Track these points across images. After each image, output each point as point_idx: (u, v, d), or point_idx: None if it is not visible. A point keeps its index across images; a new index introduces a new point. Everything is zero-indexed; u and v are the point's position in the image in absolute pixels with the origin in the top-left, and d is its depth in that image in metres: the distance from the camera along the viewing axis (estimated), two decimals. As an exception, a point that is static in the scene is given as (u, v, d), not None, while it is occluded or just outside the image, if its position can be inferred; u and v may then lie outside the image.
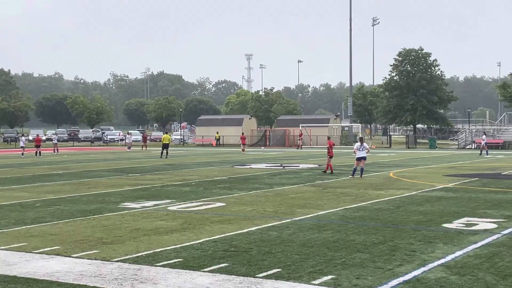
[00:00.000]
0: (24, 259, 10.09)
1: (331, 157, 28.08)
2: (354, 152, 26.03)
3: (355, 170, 25.61)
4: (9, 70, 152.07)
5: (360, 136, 30.56)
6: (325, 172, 27.78)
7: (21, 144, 49.25)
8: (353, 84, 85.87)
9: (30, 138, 52.19)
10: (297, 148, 61.91)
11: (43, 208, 16.42)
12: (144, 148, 61.23)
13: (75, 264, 9.71)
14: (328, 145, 28.31)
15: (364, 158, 25.72)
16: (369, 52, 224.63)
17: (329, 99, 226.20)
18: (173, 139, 76.30)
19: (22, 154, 47.02)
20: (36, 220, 14.29)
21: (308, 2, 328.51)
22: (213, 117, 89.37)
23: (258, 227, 13.13)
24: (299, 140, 64.28)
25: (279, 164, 34.85)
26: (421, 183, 23.07)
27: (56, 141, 58.49)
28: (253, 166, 33.73)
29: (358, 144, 25.98)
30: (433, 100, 73.69)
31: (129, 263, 9.77)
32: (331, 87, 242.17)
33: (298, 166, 33.58)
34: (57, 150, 55.49)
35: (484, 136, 49.00)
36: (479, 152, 47.38)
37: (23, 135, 52.11)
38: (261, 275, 8.96)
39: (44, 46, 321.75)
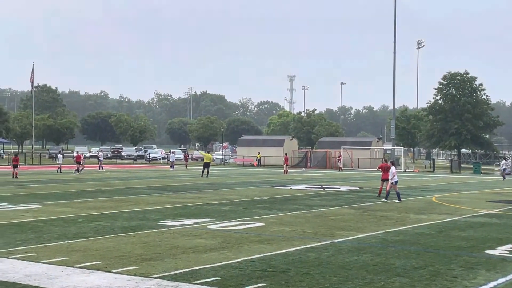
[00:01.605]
0: (65, 273, 10.24)
1: (384, 180, 26.47)
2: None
3: (388, 193, 25.26)
4: (56, 88, 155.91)
5: (390, 160, 29.85)
6: (379, 195, 26.99)
7: (59, 161, 50.13)
8: (396, 107, 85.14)
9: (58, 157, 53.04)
10: (338, 170, 61.58)
11: (85, 223, 16.66)
12: (186, 168, 61.70)
13: (115, 280, 9.81)
14: (380, 168, 27.09)
15: (395, 182, 25.39)
16: (413, 75, 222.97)
17: (371, 121, 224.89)
18: (215, 158, 76.71)
19: (58, 170, 47.69)
20: (78, 235, 14.51)
21: (352, 24, 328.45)
22: (255, 137, 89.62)
23: (296, 248, 13.07)
24: (339, 161, 64.01)
25: (320, 186, 34.69)
26: (464, 208, 22.66)
27: (102, 158, 59.62)
28: (293, 187, 33.65)
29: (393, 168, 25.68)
30: (478, 124, 72.57)
31: (168, 280, 9.83)
32: (374, 109, 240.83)
33: (339, 188, 33.37)
34: (102, 167, 56.42)
35: (503, 161, 48.69)
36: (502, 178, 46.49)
37: (60, 152, 53.08)
38: (298, 296, 8.90)
39: (90, 65, 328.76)
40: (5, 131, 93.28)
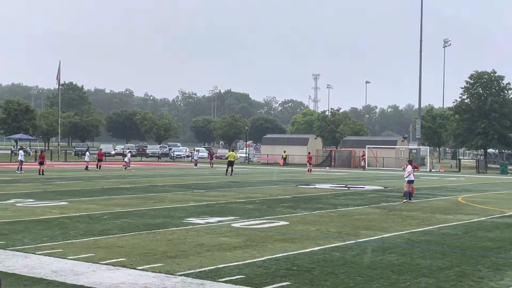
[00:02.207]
0: (91, 270, 10.33)
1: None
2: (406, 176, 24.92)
3: (408, 193, 24.70)
4: (82, 85, 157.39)
5: (409, 158, 29.37)
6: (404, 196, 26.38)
7: (86, 158, 50.66)
8: (422, 106, 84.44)
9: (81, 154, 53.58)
10: (363, 170, 61.26)
11: (111, 220, 16.79)
12: (211, 166, 61.80)
13: (140, 277, 9.87)
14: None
15: (410, 181, 24.56)
16: (439, 74, 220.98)
17: (396, 120, 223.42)
18: (238, 157, 76.78)
19: (86, 168, 48.17)
20: (104, 232, 14.62)
21: (377, 23, 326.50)
22: (279, 136, 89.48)
23: (321, 247, 13.03)
24: (363, 161, 63.74)
25: (344, 185, 34.55)
26: (491, 209, 22.39)
27: (127, 160, 60.01)
28: (318, 186, 33.57)
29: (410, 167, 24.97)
30: (505, 124, 71.66)
31: (192, 277, 9.86)
32: (399, 108, 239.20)
33: (363, 187, 33.20)
34: (129, 165, 56.76)
35: None
36: None
37: (87, 149, 53.61)
38: (323, 295, 8.87)
39: (115, 63, 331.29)
40: (32, 128, 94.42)
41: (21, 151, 46.89)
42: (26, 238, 13.38)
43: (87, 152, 52.68)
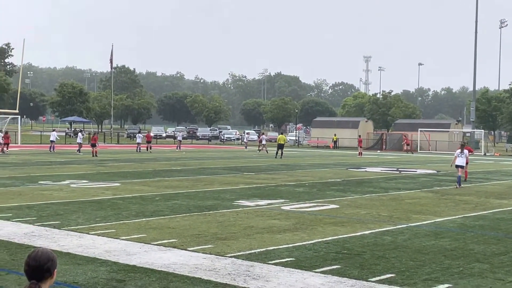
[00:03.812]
0: (143, 250, 10.48)
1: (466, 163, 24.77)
2: (455, 160, 24.26)
3: (459, 178, 23.87)
4: (134, 69, 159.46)
5: (462, 142, 28.60)
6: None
7: (138, 140, 51.26)
8: (476, 89, 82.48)
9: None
10: (407, 153, 60.35)
11: (162, 202, 16.99)
12: (263, 148, 61.70)
13: (191, 258, 9.96)
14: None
15: (461, 166, 23.68)
16: (495, 55, 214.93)
17: (450, 103, 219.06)
18: (288, 140, 76.68)
19: (138, 150, 48.84)
20: (155, 213, 14.81)
21: (431, 3, 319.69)
22: (329, 119, 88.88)
23: (372, 231, 12.91)
24: (405, 143, 63.10)
25: (395, 169, 34.12)
26: (548, 194, 21.75)
27: (180, 138, 60.97)
28: (368, 169, 33.24)
29: (458, 151, 24.07)
30: None
31: (242, 259, 9.90)
32: (453, 91, 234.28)
33: (415, 171, 32.72)
34: (180, 147, 57.53)
35: None
36: None
37: (140, 132, 54.28)
38: (373, 279, 8.80)
39: (167, 47, 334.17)
40: (86, 111, 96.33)
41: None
42: (80, 219, 13.67)
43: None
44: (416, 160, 46.32)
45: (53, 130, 51.07)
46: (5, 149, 42.64)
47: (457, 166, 23.78)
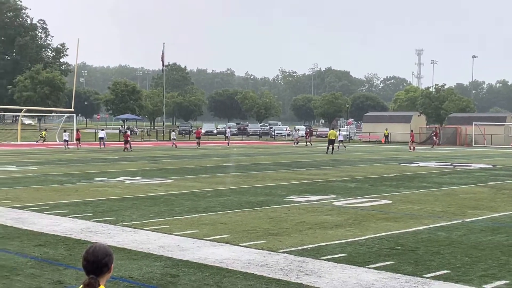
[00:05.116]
0: (196, 245, 10.59)
1: None
2: None
3: None
4: (185, 66, 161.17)
5: None
6: None
7: (173, 136, 52.39)
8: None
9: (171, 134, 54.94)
10: (432, 146, 59.26)
11: (214, 198, 17.13)
12: (310, 144, 61.66)
13: (243, 253, 10.02)
14: None
15: None
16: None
17: (505, 96, 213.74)
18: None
19: (174, 146, 50.00)
20: (208, 209, 14.95)
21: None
22: (381, 114, 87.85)
23: (426, 226, 12.72)
24: (434, 136, 62.04)
25: (449, 163, 33.51)
26: None
27: (229, 135, 61.44)
28: (421, 164, 32.74)
29: None
30: None
31: (295, 255, 9.90)
32: (509, 83, 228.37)
33: (470, 166, 32.06)
34: (229, 143, 57.93)
35: None
36: None
37: (173, 130, 55.80)
38: (428, 275, 8.68)
39: (217, 44, 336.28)
40: (138, 108, 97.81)
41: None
42: (134, 214, 13.90)
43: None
44: (470, 154, 45.39)
45: (102, 130, 53.50)
46: (78, 146, 46.47)
47: None
